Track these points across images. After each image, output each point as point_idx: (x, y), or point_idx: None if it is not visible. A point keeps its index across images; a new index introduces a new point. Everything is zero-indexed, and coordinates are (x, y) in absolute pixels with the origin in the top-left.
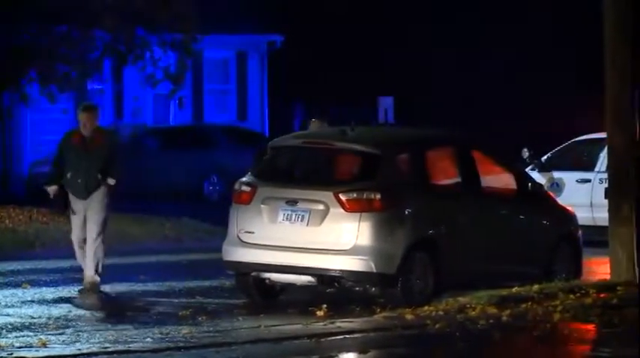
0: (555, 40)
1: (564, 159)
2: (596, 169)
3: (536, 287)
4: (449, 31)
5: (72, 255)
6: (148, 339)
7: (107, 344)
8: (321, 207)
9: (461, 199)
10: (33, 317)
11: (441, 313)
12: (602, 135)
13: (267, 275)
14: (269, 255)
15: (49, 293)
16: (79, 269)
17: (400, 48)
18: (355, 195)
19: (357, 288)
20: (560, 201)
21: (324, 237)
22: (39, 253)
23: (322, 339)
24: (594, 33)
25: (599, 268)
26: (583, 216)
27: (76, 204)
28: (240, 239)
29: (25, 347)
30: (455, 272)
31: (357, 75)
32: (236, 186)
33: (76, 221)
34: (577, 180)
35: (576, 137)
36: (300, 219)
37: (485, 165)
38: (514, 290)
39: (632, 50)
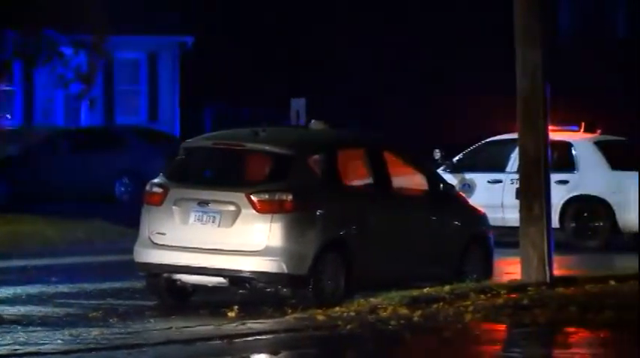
0: (470, 40)
1: (475, 160)
2: (507, 170)
3: (447, 287)
4: (362, 30)
5: None
6: (59, 341)
7: (17, 347)
8: (232, 208)
9: (372, 200)
10: None
11: (352, 314)
12: (514, 135)
13: (178, 276)
14: (180, 257)
15: None
16: None
17: (313, 48)
18: (267, 196)
19: (269, 289)
20: (472, 201)
21: (236, 238)
22: None
23: (234, 340)
24: (508, 33)
25: (510, 268)
26: (494, 217)
27: None
28: (151, 240)
29: None
30: (366, 273)
31: (270, 76)
32: (147, 188)
33: None
34: (488, 181)
35: (488, 138)
36: (211, 220)
37: (396, 166)
38: (425, 290)
39: (542, 52)
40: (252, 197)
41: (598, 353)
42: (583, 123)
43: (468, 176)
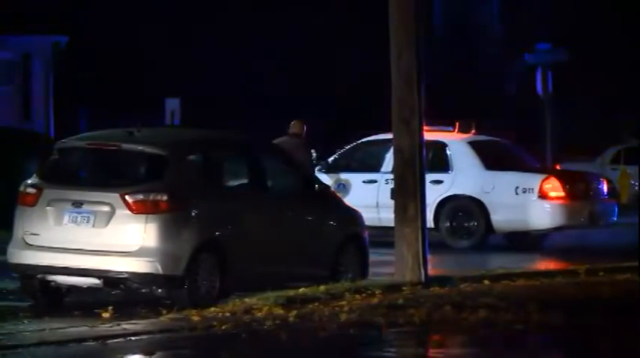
0: (345, 39)
1: (351, 160)
2: (382, 170)
3: (322, 287)
4: (237, 31)
5: None
6: None
7: None
8: (106, 208)
9: (248, 200)
10: None
11: (227, 314)
12: (389, 135)
13: (52, 277)
14: (54, 257)
15: None
16: None
17: (186, 49)
18: (141, 196)
19: (144, 290)
20: (347, 201)
21: (110, 239)
22: None
23: (108, 341)
24: (382, 32)
25: (385, 268)
26: (369, 217)
27: None
28: (25, 241)
29: None
30: (242, 274)
31: (144, 76)
32: (21, 188)
33: None
34: (363, 181)
35: (363, 138)
36: (85, 221)
37: (272, 166)
38: (301, 291)
39: (416, 52)
40: (127, 197)
41: (472, 352)
42: (457, 124)
43: (343, 176)
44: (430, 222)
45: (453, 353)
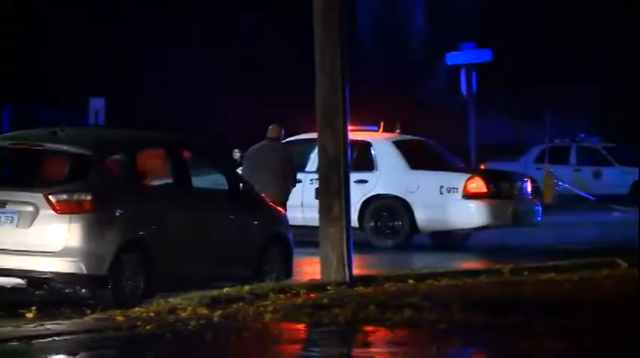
0: (271, 40)
1: None
2: (307, 170)
3: (247, 287)
4: (161, 31)
5: None
6: None
7: None
8: (30, 208)
9: (172, 200)
10: None
11: (151, 314)
12: (313, 135)
13: None
14: None
15: None
16: None
17: (111, 48)
18: (65, 196)
19: (68, 290)
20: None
21: (34, 239)
22: None
23: (32, 341)
24: (309, 33)
25: (309, 268)
26: (294, 217)
27: None
28: None
29: None
30: (167, 274)
31: (68, 76)
32: None
33: None
34: None
35: (288, 137)
36: (9, 221)
37: (196, 166)
38: (225, 290)
39: (341, 51)
40: (51, 197)
41: (396, 351)
42: (382, 123)
43: None
44: (355, 222)
45: (377, 353)
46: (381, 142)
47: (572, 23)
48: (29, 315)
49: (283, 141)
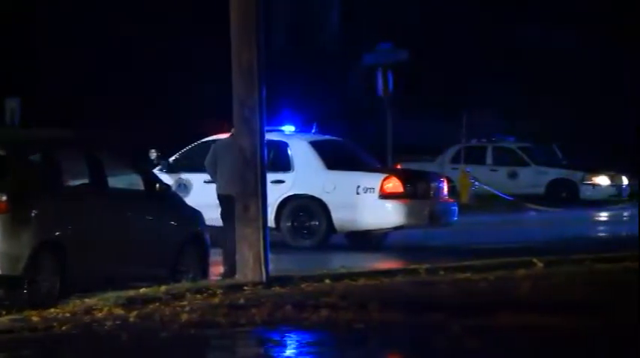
0: (188, 40)
1: (192, 160)
2: None
3: (163, 287)
4: (79, 31)
5: None
6: None
7: None
8: None
9: (89, 201)
10: None
11: (67, 315)
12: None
13: None
14: None
15: None
16: None
17: (27, 49)
18: None
19: None
20: (188, 201)
21: None
22: None
23: None
24: (226, 33)
25: None
26: (211, 217)
27: None
28: None
29: None
30: (83, 274)
31: None
32: None
33: None
34: (204, 181)
35: (205, 138)
36: None
37: (112, 166)
38: (141, 291)
39: (257, 52)
40: None
41: (313, 351)
42: (299, 123)
43: (184, 176)
44: (271, 222)
45: (295, 353)
46: (297, 142)
47: (489, 23)
48: None
49: (200, 141)
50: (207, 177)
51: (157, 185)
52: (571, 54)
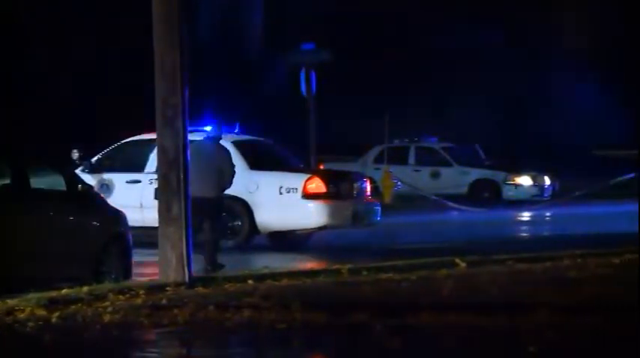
0: (111, 40)
1: (114, 160)
2: (146, 170)
3: (85, 288)
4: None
5: None
6: None
7: None
8: None
9: (9, 200)
10: None
11: None
12: (152, 135)
13: None
14: None
15: None
16: None
17: None
18: None
19: None
20: (110, 202)
21: None
22: None
23: None
24: (149, 33)
25: (149, 269)
26: (133, 217)
27: None
28: None
29: None
30: (4, 275)
31: None
32: None
33: None
34: (127, 181)
35: (127, 138)
36: None
37: (33, 167)
38: (63, 292)
39: (180, 52)
40: None
41: (235, 352)
42: (221, 123)
43: (107, 176)
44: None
45: (216, 353)
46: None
47: (414, 23)
48: None
49: (123, 141)
50: (129, 176)
51: (79, 185)
52: (496, 53)
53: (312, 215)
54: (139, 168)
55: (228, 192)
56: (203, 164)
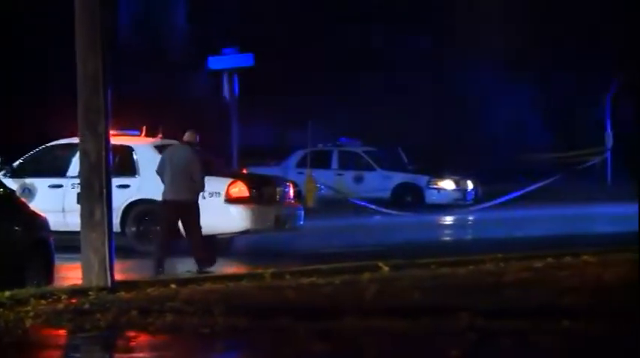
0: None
1: (36, 165)
2: (69, 174)
3: (7, 293)
4: None
5: None
6: None
7: None
8: None
9: None
10: None
11: None
12: (75, 140)
13: None
14: None
15: None
16: None
17: None
18: None
19: None
20: (33, 206)
21: None
22: None
23: None
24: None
25: (71, 273)
26: (56, 222)
27: None
28: None
29: None
30: None
31: None
32: None
33: None
34: (49, 186)
35: (49, 142)
36: None
37: None
38: None
39: (102, 55)
40: None
41: (158, 356)
42: (144, 128)
43: (29, 181)
44: (117, 227)
45: (139, 357)
46: (142, 147)
47: (340, 28)
48: None
49: (45, 146)
50: (52, 181)
51: (0, 189)
52: (424, 57)
53: (235, 219)
54: (62, 172)
55: (151, 196)
56: (175, 168)
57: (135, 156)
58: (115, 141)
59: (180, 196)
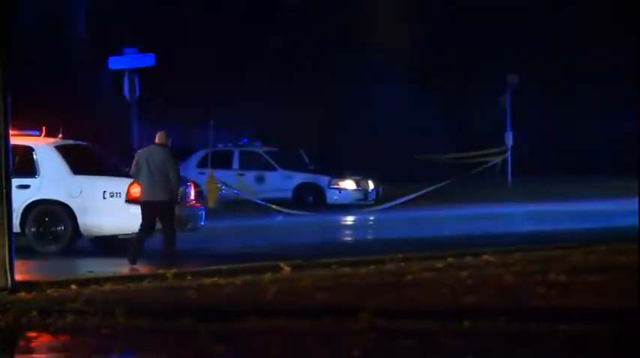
0: None
1: None
2: None
3: None
4: None
5: None
6: None
7: None
8: None
9: None
10: None
11: None
12: None
13: None
14: None
15: None
16: None
17: None
18: None
19: None
20: None
21: None
22: None
23: None
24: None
25: None
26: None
27: None
28: None
29: None
30: None
31: None
32: None
33: None
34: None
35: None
36: None
37: None
38: None
39: (3, 57)
40: None
41: (58, 356)
42: (44, 128)
43: None
44: (17, 227)
45: None
46: (42, 147)
47: (246, 28)
48: None
49: None
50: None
51: None
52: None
53: (135, 219)
54: None
55: (51, 196)
56: (154, 169)
57: (35, 157)
58: (15, 141)
59: (158, 197)
